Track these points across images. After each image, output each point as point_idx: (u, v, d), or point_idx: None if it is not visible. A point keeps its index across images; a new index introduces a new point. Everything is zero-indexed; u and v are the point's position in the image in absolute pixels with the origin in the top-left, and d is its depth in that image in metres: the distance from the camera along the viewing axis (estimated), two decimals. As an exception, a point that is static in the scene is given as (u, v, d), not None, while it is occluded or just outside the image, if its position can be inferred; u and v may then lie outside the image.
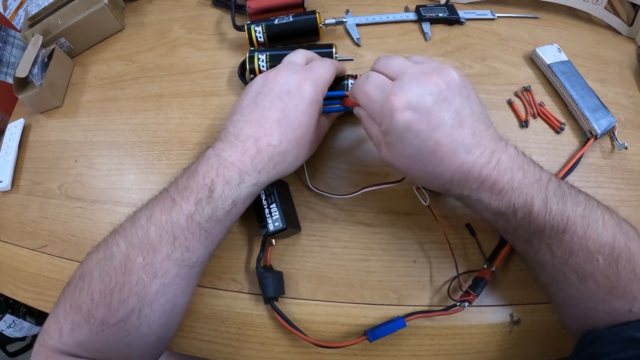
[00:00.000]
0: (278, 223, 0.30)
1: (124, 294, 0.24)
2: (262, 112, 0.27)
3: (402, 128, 0.23)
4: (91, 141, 0.42)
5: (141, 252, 0.24)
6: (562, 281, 0.25)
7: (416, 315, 0.30)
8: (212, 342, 0.32)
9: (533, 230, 0.24)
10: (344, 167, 0.36)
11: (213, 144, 0.27)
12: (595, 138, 0.37)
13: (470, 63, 0.40)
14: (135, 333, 0.25)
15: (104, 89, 0.45)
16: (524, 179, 0.24)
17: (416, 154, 0.24)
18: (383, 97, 0.24)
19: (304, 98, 0.27)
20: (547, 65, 0.40)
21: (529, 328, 0.31)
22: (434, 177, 0.25)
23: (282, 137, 0.27)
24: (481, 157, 0.23)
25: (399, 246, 0.33)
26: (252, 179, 0.26)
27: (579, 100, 0.38)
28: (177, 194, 0.25)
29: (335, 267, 0.33)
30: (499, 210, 0.24)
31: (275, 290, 0.30)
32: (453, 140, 0.23)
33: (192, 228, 0.25)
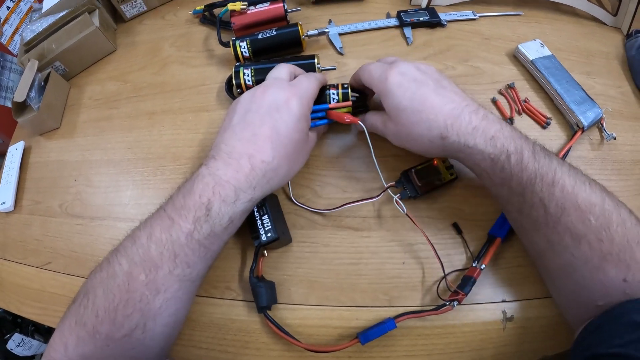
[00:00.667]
0: (270, 234, 0.31)
1: (128, 310, 0.25)
2: (253, 129, 0.29)
3: (395, 85, 0.30)
4: (89, 160, 0.44)
5: (143, 270, 0.26)
6: (557, 244, 0.26)
7: (406, 316, 0.31)
8: (211, 350, 0.34)
9: (526, 181, 0.26)
10: (332, 174, 0.38)
11: (206, 162, 0.29)
12: (582, 130, 0.38)
13: (454, 64, 0.42)
14: (139, 346, 0.26)
15: (99, 109, 0.47)
16: (512, 132, 0.28)
17: (409, 105, 0.29)
18: (381, 70, 0.32)
19: (293, 114, 0.29)
20: (530, 61, 0.41)
21: (522, 325, 0.32)
22: (430, 126, 0.29)
23: (275, 153, 0.28)
24: (468, 107, 0.29)
25: (388, 249, 0.34)
26: (247, 195, 0.28)
27: (564, 94, 0.40)
28: (175, 213, 0.27)
29: (326, 271, 0.34)
30: (494, 155, 0.27)
31: (268, 300, 0.32)
32: (438, 94, 0.29)
33: (191, 245, 0.26)
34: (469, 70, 0.42)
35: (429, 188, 0.35)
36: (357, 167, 0.38)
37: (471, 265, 0.33)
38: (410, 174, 0.35)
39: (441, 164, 0.35)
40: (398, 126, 0.31)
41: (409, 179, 0.35)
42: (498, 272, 0.34)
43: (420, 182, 0.34)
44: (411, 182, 0.35)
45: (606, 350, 0.22)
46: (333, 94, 0.35)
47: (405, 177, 0.35)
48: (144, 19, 0.52)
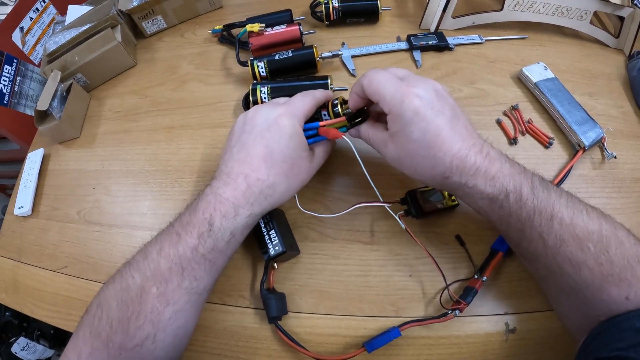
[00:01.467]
0: (278, 247, 0.34)
1: (140, 321, 0.27)
2: (247, 150, 0.31)
3: (412, 111, 0.28)
4: (108, 170, 0.47)
5: (155, 283, 0.28)
6: (557, 272, 0.27)
7: (410, 324, 0.33)
8: (223, 356, 0.36)
9: (524, 217, 0.27)
10: (342, 190, 0.41)
11: (210, 183, 0.32)
12: (583, 150, 0.40)
13: (460, 87, 0.45)
14: (149, 356, 0.28)
15: (118, 121, 0.50)
16: (511, 169, 0.29)
17: (421, 138, 0.28)
18: (395, 86, 0.29)
19: (283, 133, 0.31)
20: (534, 83, 0.44)
21: (524, 336, 0.34)
22: (435, 164, 0.28)
23: (270, 171, 0.31)
24: (474, 146, 0.29)
25: (396, 262, 0.37)
26: (246, 211, 0.30)
27: (566, 115, 0.42)
28: (182, 229, 0.29)
29: (336, 282, 0.37)
30: (493, 195, 0.28)
31: (279, 311, 0.34)
32: (452, 128, 0.28)
33: (197, 259, 0.29)
34: (475, 93, 0.45)
35: (432, 210, 0.37)
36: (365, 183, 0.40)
37: (473, 277, 0.35)
38: (417, 194, 0.37)
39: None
40: (400, 152, 0.30)
41: (414, 199, 0.37)
42: (500, 285, 0.36)
43: (425, 204, 0.37)
44: (416, 202, 0.37)
45: (608, 354, 0.24)
46: (325, 115, 0.37)
47: (411, 197, 0.37)
48: (163, 36, 0.56)
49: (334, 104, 0.37)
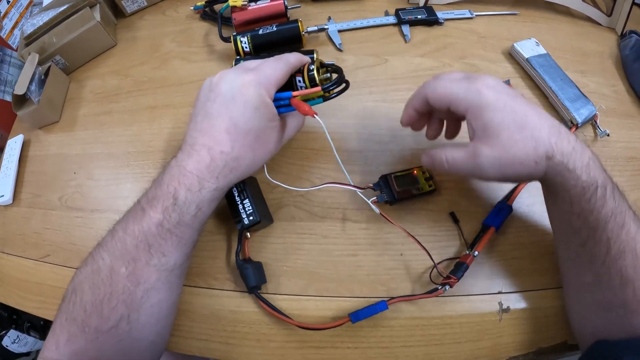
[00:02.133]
0: (252, 217, 0.32)
1: (113, 302, 0.26)
2: (210, 120, 0.29)
3: (493, 99, 0.26)
4: (89, 153, 0.44)
5: (123, 263, 0.26)
6: (605, 282, 0.26)
7: (398, 298, 0.31)
8: (210, 341, 0.34)
9: (602, 217, 0.26)
10: (332, 167, 0.38)
11: (176, 155, 0.29)
12: (576, 127, 0.38)
13: (450, 62, 0.42)
14: (127, 338, 0.27)
15: (99, 103, 0.47)
16: (599, 162, 0.27)
17: (512, 121, 0.26)
18: (465, 85, 0.28)
19: (249, 104, 0.28)
20: (525, 59, 0.42)
21: (518, 316, 0.32)
22: (537, 144, 0.26)
23: (234, 143, 0.28)
24: (561, 125, 0.27)
25: (386, 240, 0.35)
26: (211, 184, 0.28)
27: (559, 91, 0.40)
28: (147, 204, 0.27)
29: (325, 263, 0.34)
30: (586, 184, 0.26)
31: (257, 279, 0.32)
32: (533, 108, 0.27)
33: (163, 234, 0.27)
34: (465, 68, 0.42)
35: (406, 196, 0.35)
36: (356, 160, 0.38)
37: (465, 253, 0.33)
38: (390, 179, 0.35)
39: (420, 175, 0.35)
40: (499, 149, 0.26)
41: (387, 184, 0.35)
42: (494, 264, 0.34)
43: (398, 189, 0.35)
44: (389, 187, 0.35)
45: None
46: (299, 82, 0.32)
47: (384, 182, 0.35)
48: (144, 14, 0.52)
49: (310, 69, 0.32)
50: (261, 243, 0.36)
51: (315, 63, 0.32)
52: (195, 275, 0.35)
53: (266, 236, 0.36)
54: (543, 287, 0.33)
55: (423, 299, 0.32)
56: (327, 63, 0.34)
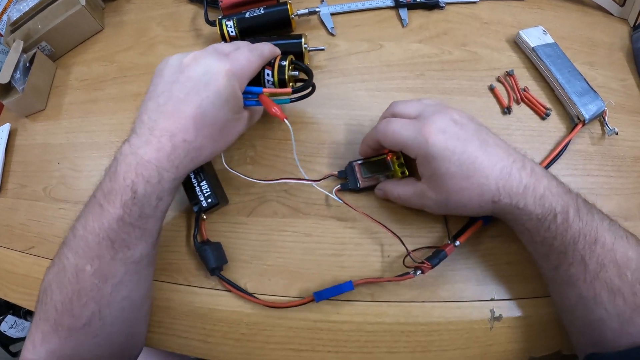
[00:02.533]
0: (210, 199, 0.31)
1: (82, 300, 0.25)
2: (177, 104, 0.26)
3: (440, 148, 0.25)
4: (73, 143, 0.42)
5: (88, 261, 0.25)
6: (591, 300, 0.25)
7: (365, 279, 0.29)
8: (190, 339, 0.32)
9: (569, 240, 0.25)
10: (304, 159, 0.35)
11: (129, 138, 0.26)
12: (583, 123, 0.35)
13: (450, 49, 0.38)
14: (102, 334, 0.26)
15: (85, 90, 0.45)
16: (558, 188, 0.26)
17: (459, 171, 0.25)
18: (414, 130, 0.26)
19: (221, 94, 0.26)
20: (531, 48, 0.38)
21: (510, 324, 0.30)
22: (482, 191, 0.25)
23: (198, 132, 0.26)
24: (515, 162, 0.26)
25: (372, 241, 0.32)
26: (170, 174, 0.26)
27: (566, 84, 0.36)
28: (104, 199, 0.25)
29: (308, 262, 0.32)
30: (542, 215, 0.25)
31: (217, 260, 0.31)
32: (485, 151, 0.26)
33: (125, 229, 0.25)
34: (466, 56, 0.38)
35: (373, 183, 0.32)
36: (344, 154, 0.35)
37: (445, 242, 0.30)
38: (355, 167, 0.33)
39: (394, 160, 0.32)
40: (443, 194, 0.27)
41: (353, 171, 0.33)
42: (487, 268, 0.31)
43: (363, 177, 0.32)
44: (354, 174, 0.33)
45: None
46: (267, 75, 0.31)
47: (350, 169, 0.33)
48: (132, -3, 0.49)
49: (281, 65, 0.31)
50: (235, 234, 0.33)
51: (287, 59, 0.31)
52: (174, 272, 0.33)
53: (246, 232, 0.33)
54: (538, 294, 0.31)
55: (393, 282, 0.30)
56: (299, 63, 0.33)
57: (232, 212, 0.34)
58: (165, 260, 0.34)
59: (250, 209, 0.34)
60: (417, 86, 0.37)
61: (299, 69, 0.33)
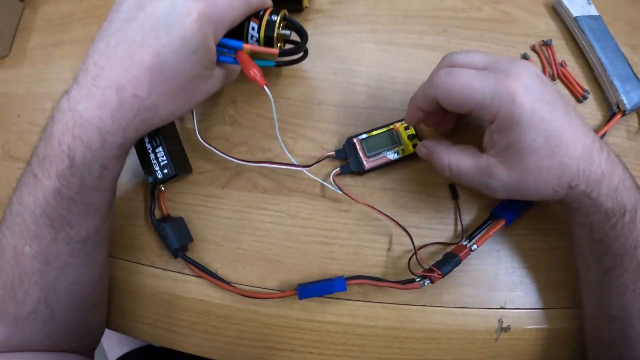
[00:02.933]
0: (167, 170, 0.25)
1: (24, 285, 0.22)
2: (130, 48, 0.20)
3: (529, 111, 0.20)
4: (34, 93, 0.36)
5: (26, 242, 0.21)
6: (636, 312, 0.22)
7: (361, 280, 0.24)
8: (154, 326, 0.27)
9: (631, 242, 0.22)
10: (311, 125, 0.29)
11: (69, 89, 0.21)
12: (622, 114, 0.29)
13: (479, 4, 0.32)
14: (50, 322, 0.23)
15: (50, 32, 0.38)
16: (630, 180, 0.22)
17: (544, 144, 0.20)
18: (493, 83, 0.20)
19: (188, 42, 0.20)
20: (573, 18, 0.31)
21: (517, 336, 0.26)
22: (562, 173, 0.21)
23: (153, 88, 0.20)
24: (594, 142, 0.21)
25: (371, 229, 0.26)
26: (116, 138, 0.20)
27: (608, 66, 0.30)
28: (38, 167, 0.21)
29: (290, 250, 0.26)
30: (611, 210, 0.22)
31: (180, 239, 0.26)
32: (570, 122, 0.21)
33: (64, 204, 0.21)
34: (498, 15, 0.32)
35: (380, 163, 0.26)
36: (340, 119, 0.29)
37: (459, 242, 0.25)
38: (356, 143, 0.27)
39: (402, 131, 0.26)
40: (518, 174, 0.21)
41: (354, 149, 0.27)
42: (501, 272, 0.26)
43: (368, 155, 0.26)
44: (356, 154, 0.27)
45: None
46: (252, 29, 0.24)
47: (350, 147, 0.27)
48: None
49: (271, 19, 0.24)
50: (206, 209, 0.28)
51: (279, 13, 0.25)
52: (136, 249, 0.28)
53: (219, 207, 0.28)
54: (553, 305, 0.26)
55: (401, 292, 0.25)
56: (293, 21, 0.26)
57: (203, 182, 0.28)
58: (125, 235, 0.28)
59: (225, 179, 0.28)
60: (438, 44, 0.30)
61: (292, 28, 0.26)
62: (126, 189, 0.29)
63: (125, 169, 0.24)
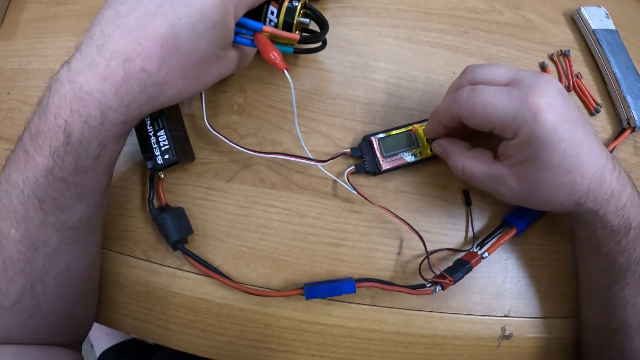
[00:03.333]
0: (168, 155, 0.23)
1: (9, 272, 0.20)
2: (142, 18, 0.18)
3: (551, 130, 0.19)
4: (25, 69, 0.33)
5: (12, 224, 0.19)
6: (634, 327, 0.23)
7: (372, 283, 0.23)
8: (147, 322, 0.26)
9: (634, 258, 0.22)
10: (325, 120, 0.27)
11: (70, 58, 0.19)
12: (632, 130, 0.29)
13: (501, 8, 0.31)
14: (36, 314, 0.21)
15: (45, 4, 0.35)
16: (637, 198, 0.22)
17: (561, 162, 0.20)
18: (516, 101, 0.20)
19: (207, 16, 0.18)
20: (591, 30, 0.31)
21: (518, 344, 0.26)
22: (572, 190, 0.21)
23: (163, 62, 0.18)
24: (608, 161, 0.21)
25: (382, 232, 0.25)
26: (117, 115, 0.19)
27: (622, 81, 0.30)
28: (30, 143, 0.19)
29: (297, 249, 0.25)
30: (617, 228, 0.22)
31: (180, 231, 0.24)
32: (588, 141, 0.21)
33: (56, 186, 0.19)
34: (519, 21, 0.31)
35: (396, 165, 0.25)
36: (353, 115, 0.27)
37: (470, 250, 0.25)
38: (374, 142, 0.25)
39: (422, 134, 0.26)
40: (529, 186, 0.21)
41: (371, 148, 0.26)
42: (508, 281, 0.26)
43: (385, 155, 0.25)
44: (372, 153, 0.25)
45: None
46: (271, 13, 0.23)
47: (367, 145, 0.26)
48: None
49: (292, 5, 0.23)
50: (210, 203, 0.26)
51: (300, 0, 0.23)
52: (131, 241, 0.26)
53: (223, 202, 0.26)
54: (554, 315, 0.27)
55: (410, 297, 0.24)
56: (314, 9, 0.25)
57: (207, 173, 0.26)
58: (119, 226, 0.26)
59: (231, 172, 0.26)
60: (459, 45, 0.29)
61: (312, 17, 0.25)
62: (121, 177, 0.27)
63: (120, 156, 0.22)
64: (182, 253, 0.25)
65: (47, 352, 0.23)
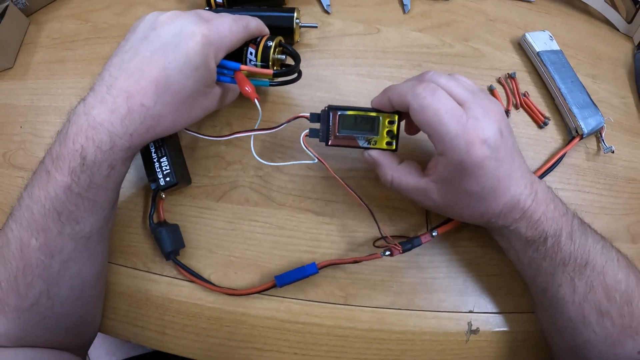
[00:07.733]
0: (169, 178, 0.27)
1: (28, 277, 0.23)
2: (141, 63, 0.23)
3: (477, 164, 0.22)
4: (37, 106, 0.37)
5: (32, 234, 0.22)
6: (580, 322, 0.24)
7: (328, 260, 0.27)
8: (146, 329, 0.29)
9: (558, 261, 0.24)
10: None
11: (85, 96, 0.23)
12: (580, 137, 0.33)
13: (451, 42, 0.35)
14: (50, 315, 0.24)
15: (55, 49, 0.39)
16: (554, 211, 0.24)
17: (479, 192, 0.23)
18: (458, 127, 0.21)
19: (190, 60, 0.23)
20: (536, 52, 0.35)
21: (486, 338, 0.28)
22: (484, 212, 0.24)
23: (158, 99, 0.23)
24: (525, 188, 0.24)
25: (350, 240, 0.29)
26: (124, 142, 0.23)
27: (568, 95, 0.34)
28: (51, 165, 0.23)
29: (278, 257, 0.29)
30: (531, 238, 0.24)
31: (173, 244, 0.28)
32: (509, 175, 0.23)
33: (73, 200, 0.22)
34: (468, 51, 0.35)
35: (345, 144, 0.25)
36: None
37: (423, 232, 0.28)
38: (333, 116, 0.25)
39: (385, 124, 0.25)
40: (448, 203, 0.24)
41: (328, 120, 0.25)
42: (470, 279, 0.29)
43: (339, 131, 0.25)
44: (328, 124, 0.25)
45: None
46: (250, 54, 0.27)
47: (326, 116, 0.25)
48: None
49: (267, 45, 0.27)
50: (202, 220, 0.30)
51: (275, 40, 0.28)
52: (132, 255, 0.30)
53: (213, 218, 0.30)
54: (518, 310, 0.29)
55: None
56: (287, 47, 0.29)
57: (200, 195, 0.30)
58: (123, 242, 0.30)
59: (220, 193, 0.30)
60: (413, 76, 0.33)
61: (287, 52, 0.29)
62: (126, 201, 0.31)
63: (125, 183, 0.26)
64: (174, 263, 0.28)
65: (58, 356, 0.25)
